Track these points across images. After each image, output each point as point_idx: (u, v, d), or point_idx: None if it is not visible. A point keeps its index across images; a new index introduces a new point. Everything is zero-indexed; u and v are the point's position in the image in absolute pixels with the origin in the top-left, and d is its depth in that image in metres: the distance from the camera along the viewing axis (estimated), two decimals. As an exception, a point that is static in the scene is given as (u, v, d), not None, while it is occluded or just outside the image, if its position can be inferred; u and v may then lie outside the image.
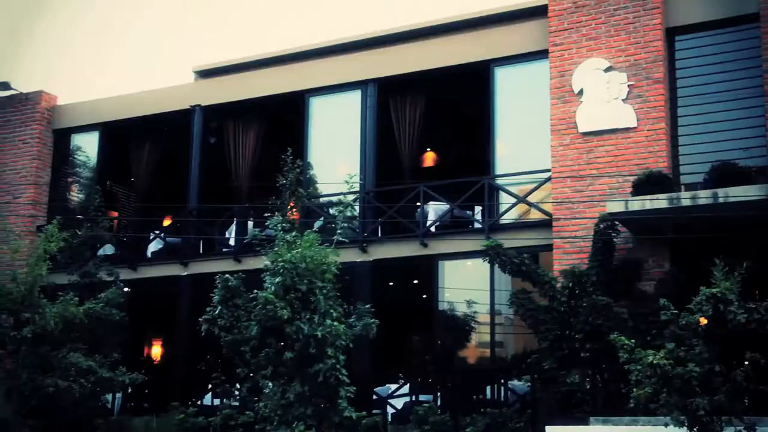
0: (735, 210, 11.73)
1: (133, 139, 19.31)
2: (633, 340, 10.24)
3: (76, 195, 19.73)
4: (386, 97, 16.89)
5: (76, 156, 19.56)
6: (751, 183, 12.17)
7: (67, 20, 40.37)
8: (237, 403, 14.87)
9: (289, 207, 13.82)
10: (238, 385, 14.88)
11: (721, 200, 11.74)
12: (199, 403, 16.35)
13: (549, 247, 14.16)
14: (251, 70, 18.17)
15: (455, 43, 16.10)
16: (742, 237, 12.05)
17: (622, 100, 13.99)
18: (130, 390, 16.45)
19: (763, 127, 13.17)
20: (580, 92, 14.33)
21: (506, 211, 15.11)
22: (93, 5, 40.41)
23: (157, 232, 18.44)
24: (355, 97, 16.88)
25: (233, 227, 17.57)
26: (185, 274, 17.37)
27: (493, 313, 14.98)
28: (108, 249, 18.02)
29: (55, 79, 41.49)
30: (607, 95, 14.12)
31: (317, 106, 17.32)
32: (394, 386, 15.50)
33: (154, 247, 18.40)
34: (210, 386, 16.05)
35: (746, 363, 9.46)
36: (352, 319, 12.49)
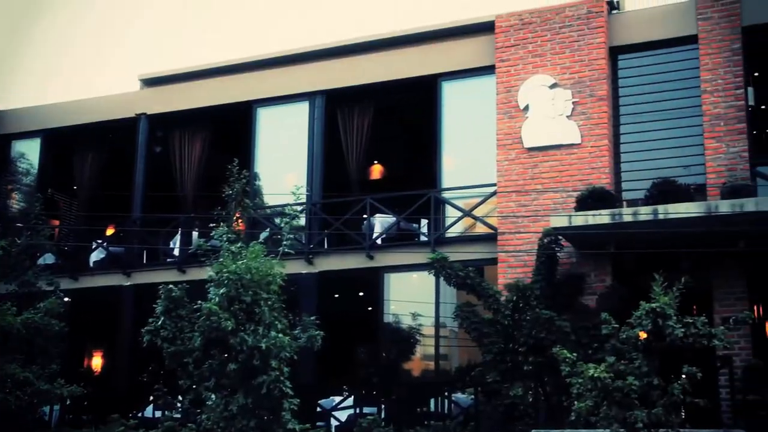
0: (674, 226, 11.98)
1: (77, 146, 19.01)
2: (575, 354, 10.38)
3: (16, 202, 19.32)
4: (334, 109, 16.91)
5: (16, 163, 19.17)
6: (691, 200, 12.46)
7: (66, 21, 39.39)
8: (179, 416, 14.67)
9: (234, 218, 13.72)
10: (180, 397, 14.68)
11: (661, 217, 11.98)
12: (140, 415, 16.08)
13: (494, 261, 14.31)
14: (198, 79, 18.05)
15: (403, 56, 16.20)
16: (681, 253, 12.31)
17: (567, 116, 14.22)
18: (68, 402, 16.12)
19: (702, 146, 13.48)
20: (526, 108, 14.52)
21: (452, 225, 15.22)
22: (92, 6, 39.50)
23: (99, 241, 18.17)
24: (303, 108, 16.86)
25: (178, 237, 17.40)
26: (128, 284, 17.15)
27: (437, 325, 15.05)
28: (48, 258, 17.69)
29: (55, 79, 40.37)
30: (552, 111, 14.33)
31: (265, 117, 17.27)
32: (338, 398, 15.43)
33: (96, 256, 18.11)
34: (151, 398, 15.80)
35: (683, 376, 9.65)
36: (297, 331, 12.43)
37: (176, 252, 17.24)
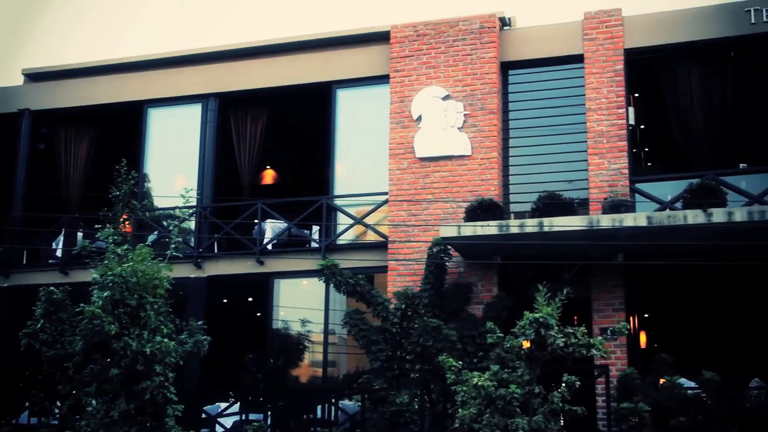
0: (558, 239, 12.37)
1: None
2: (461, 362, 10.57)
3: None
4: (227, 113, 16.74)
5: None
6: (574, 214, 12.88)
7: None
8: (56, 422, 14.22)
9: (121, 219, 13.42)
10: (58, 403, 14.23)
11: (546, 229, 12.34)
12: (14, 422, 15.50)
13: (384, 269, 14.43)
14: (88, 76, 17.55)
15: (299, 62, 16.18)
16: (563, 264, 12.71)
17: (458, 128, 14.49)
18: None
19: (586, 161, 13.97)
20: (419, 118, 14.73)
21: (343, 232, 15.28)
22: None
23: (-25, 240, 17.43)
24: (195, 110, 16.63)
25: (61, 238, 16.85)
26: (6, 285, 16.54)
27: (326, 332, 15.07)
28: None
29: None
30: (444, 123, 14.58)
31: (156, 118, 16.95)
32: (224, 405, 15.24)
33: (-29, 256, 17.36)
34: (27, 404, 15.26)
35: (563, 385, 9.95)
36: (183, 336, 12.25)
37: (59, 253, 16.70)
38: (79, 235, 16.53)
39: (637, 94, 14.86)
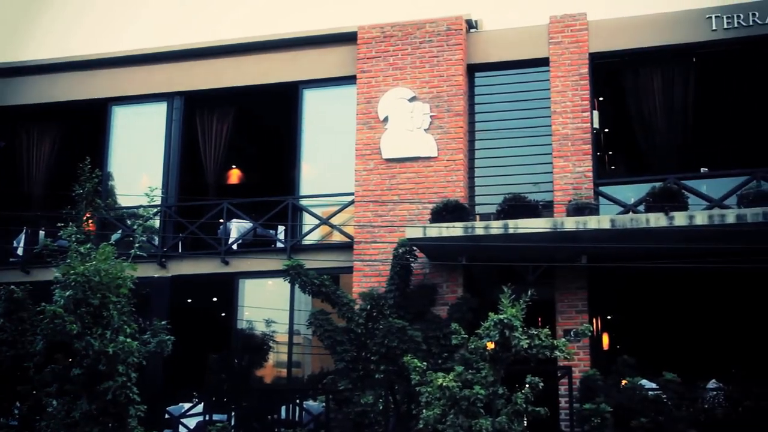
0: (523, 241, 12.45)
1: None
2: (425, 363, 10.60)
3: None
4: (193, 111, 16.64)
5: None
6: (539, 216, 12.98)
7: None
8: (16, 423, 14.03)
9: (84, 218, 13.27)
10: (18, 403, 14.04)
11: (511, 231, 12.42)
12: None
13: (349, 270, 14.44)
14: (50, 73, 17.32)
15: (266, 62, 16.13)
16: (528, 266, 12.81)
17: (425, 129, 14.54)
18: None
19: (551, 164, 14.08)
20: (386, 119, 14.76)
21: (309, 232, 15.25)
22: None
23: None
24: (160, 108, 16.52)
25: (23, 236, 16.63)
26: (-35, 284, 16.26)
27: (291, 332, 15.04)
28: None
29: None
30: (410, 124, 14.62)
31: (121, 116, 16.81)
32: (187, 405, 15.14)
33: (-70, 254, 17.07)
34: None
35: (527, 386, 10.02)
36: (147, 336, 12.15)
37: (20, 252, 16.48)
38: (41, 233, 16.33)
39: (601, 98, 15.03)
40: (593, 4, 15.03)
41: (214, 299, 17.26)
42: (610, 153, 16.95)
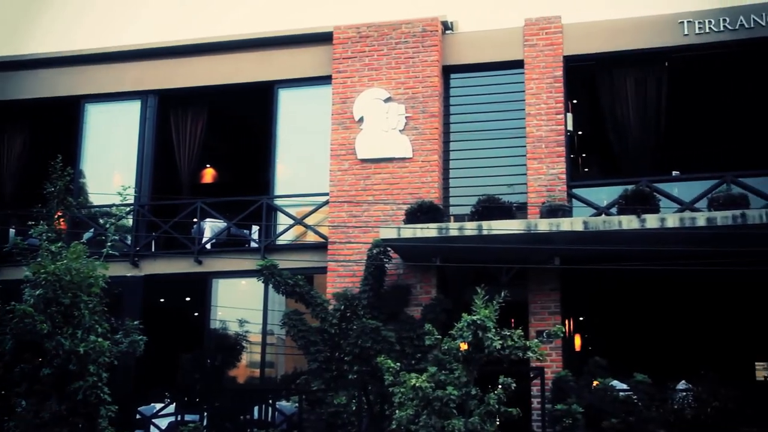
0: (497, 242, 12.50)
1: None
2: (398, 364, 10.61)
3: None
4: (167, 110, 16.56)
5: None
6: (512, 218, 13.04)
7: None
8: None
9: (56, 216, 13.15)
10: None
11: (485, 232, 12.46)
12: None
13: (323, 270, 14.42)
14: (21, 69, 17.15)
15: (241, 61, 16.07)
16: (502, 268, 12.86)
17: (400, 130, 14.56)
18: None
19: (525, 166, 14.14)
20: (361, 120, 14.76)
21: (283, 232, 15.22)
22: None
23: None
24: (134, 107, 16.41)
25: (-8, 235, 16.45)
26: (-66, 282, 16.06)
27: (265, 333, 15.00)
28: None
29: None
30: (385, 125, 14.63)
31: (94, 114, 16.68)
32: (159, 405, 15.06)
33: None
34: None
35: (499, 386, 10.06)
36: (119, 335, 12.07)
37: (-11, 250, 16.29)
38: (12, 231, 16.16)
39: (575, 101, 15.12)
40: (568, 7, 15.13)
41: (188, 299, 17.18)
42: (584, 155, 17.07)
